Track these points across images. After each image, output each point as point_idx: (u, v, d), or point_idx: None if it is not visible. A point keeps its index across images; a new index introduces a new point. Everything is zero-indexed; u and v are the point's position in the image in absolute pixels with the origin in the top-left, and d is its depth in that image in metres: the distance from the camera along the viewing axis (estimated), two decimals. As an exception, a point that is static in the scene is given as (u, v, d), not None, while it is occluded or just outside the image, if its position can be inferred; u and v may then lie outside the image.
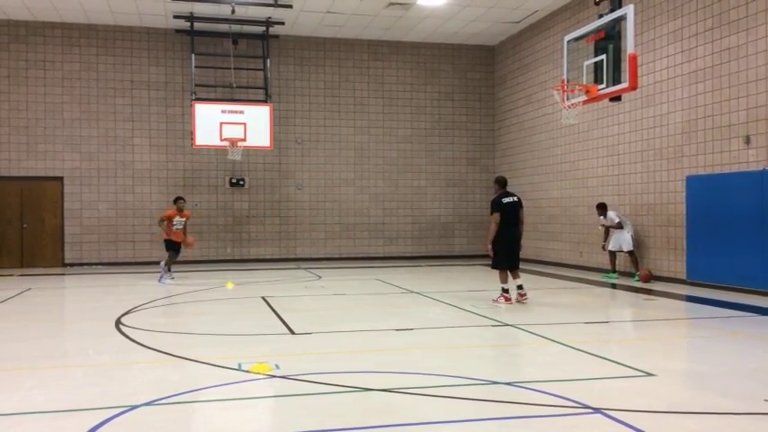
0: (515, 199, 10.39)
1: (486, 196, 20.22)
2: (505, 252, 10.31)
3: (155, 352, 7.04)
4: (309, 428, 4.56)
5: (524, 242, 18.38)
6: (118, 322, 8.85)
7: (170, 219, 14.24)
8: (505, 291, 10.34)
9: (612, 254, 14.01)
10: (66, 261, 17.69)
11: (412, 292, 12.12)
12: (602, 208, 13.94)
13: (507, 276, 10.39)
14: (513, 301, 10.32)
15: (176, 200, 14.58)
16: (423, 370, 6.16)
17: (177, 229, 14.30)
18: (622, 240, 13.65)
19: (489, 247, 10.41)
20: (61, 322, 10.06)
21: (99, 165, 17.90)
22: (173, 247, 14.31)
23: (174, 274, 14.49)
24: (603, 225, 13.98)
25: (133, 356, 6.94)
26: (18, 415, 4.92)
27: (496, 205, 10.29)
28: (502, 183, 10.57)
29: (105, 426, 4.61)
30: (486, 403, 5.13)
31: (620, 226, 13.60)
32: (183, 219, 14.38)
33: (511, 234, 10.30)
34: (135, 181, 18.09)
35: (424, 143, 19.89)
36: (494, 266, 10.58)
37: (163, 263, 14.26)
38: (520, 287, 10.41)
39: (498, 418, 4.79)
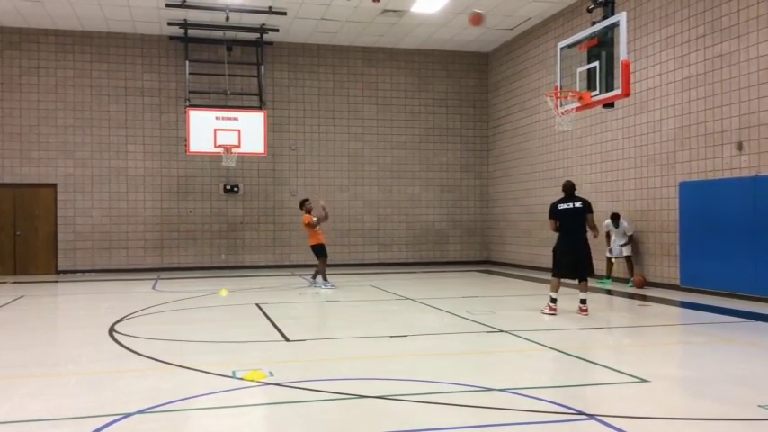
0: (577, 205, 9.82)
1: (480, 202, 20.29)
2: (563, 260, 9.95)
3: (148, 359, 7.01)
4: (304, 436, 4.55)
5: (518, 248, 18.64)
6: (111, 330, 8.82)
7: (311, 222, 13.65)
8: (552, 300, 9.97)
9: (609, 260, 14.02)
10: (60, 268, 17.63)
11: (406, 298, 12.12)
12: (615, 218, 13.78)
13: (558, 285, 10.01)
14: (557, 310, 9.91)
15: (304, 202, 14.03)
16: (417, 376, 6.15)
17: (318, 229, 13.83)
18: (624, 246, 13.69)
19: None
20: (54, 330, 10.01)
21: (92, 171, 17.86)
22: (323, 251, 13.82)
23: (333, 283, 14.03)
24: (607, 232, 13.87)
25: (127, 364, 6.91)
26: (11, 423, 4.89)
27: (552, 212, 10.02)
28: (565, 188, 10.04)
29: (99, 434, 4.59)
30: (481, 410, 5.13)
31: (630, 240, 13.60)
32: (315, 218, 13.77)
33: (569, 242, 9.87)
34: (129, 188, 18.05)
35: (418, 149, 19.92)
36: (553, 272, 10.21)
37: (319, 277, 13.81)
38: (583, 301, 9.94)
39: (493, 424, 4.78)
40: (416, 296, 12.27)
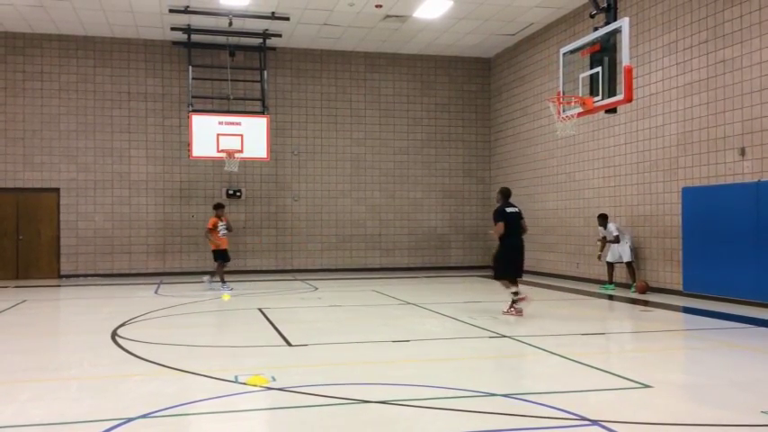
0: (516, 209, 10.53)
1: (482, 207, 20.27)
2: (513, 262, 10.36)
3: (151, 364, 7.01)
4: (306, 441, 4.55)
5: (521, 253, 18.60)
6: (114, 334, 8.82)
7: (214, 226, 14.50)
8: (514, 302, 10.26)
9: (611, 265, 14.02)
10: (62, 272, 17.64)
11: (409, 303, 12.11)
12: (603, 218, 13.96)
13: (509, 283, 10.37)
14: (524, 312, 10.21)
15: (217, 206, 14.81)
16: (420, 382, 6.15)
17: (223, 234, 14.58)
18: (622, 251, 13.68)
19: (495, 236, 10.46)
20: (57, 334, 10.02)
21: (95, 176, 17.89)
22: (222, 256, 14.58)
23: (231, 284, 14.70)
24: (603, 237, 13.98)
25: (129, 369, 6.91)
26: (13, 428, 4.90)
27: (500, 215, 10.38)
28: (505, 194, 10.66)
29: (101, 438, 4.59)
30: (484, 415, 5.11)
31: (617, 240, 13.62)
32: (225, 223, 14.62)
33: (516, 244, 10.40)
34: (131, 192, 18.08)
35: (420, 155, 19.93)
36: (497, 277, 10.60)
37: (208, 277, 14.64)
38: (516, 293, 10.35)
39: (496, 430, 4.78)
40: (419, 301, 12.26)
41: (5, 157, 17.39)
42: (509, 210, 10.44)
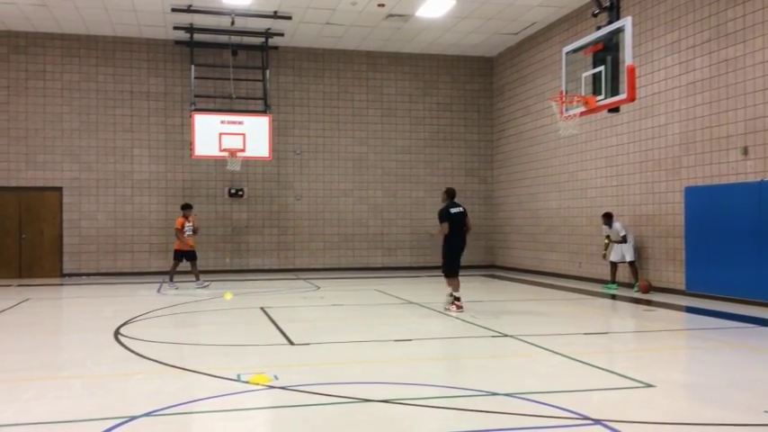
0: (461, 209, 10.87)
1: (485, 207, 20.28)
2: (457, 259, 10.88)
3: (153, 362, 7.02)
4: (309, 440, 4.55)
5: (523, 252, 18.64)
6: (117, 333, 8.84)
7: (181, 227, 14.74)
8: (457, 298, 10.69)
9: (614, 264, 13.99)
10: (65, 271, 17.67)
11: (411, 302, 12.11)
12: (608, 217, 13.91)
13: (459, 283, 10.81)
14: (465, 308, 10.62)
15: (184, 206, 15.06)
16: (422, 381, 6.15)
17: (188, 235, 14.82)
18: (626, 251, 13.66)
19: (439, 236, 10.93)
20: (59, 333, 10.03)
21: (98, 175, 17.91)
22: (185, 256, 14.84)
23: (178, 285, 14.72)
24: (608, 236, 13.94)
25: (132, 367, 6.92)
26: (16, 426, 4.90)
27: (445, 215, 10.75)
28: (451, 194, 11.07)
29: (104, 437, 4.59)
30: (486, 414, 5.11)
31: (624, 240, 13.59)
32: (191, 224, 14.87)
33: (460, 242, 10.87)
34: (134, 191, 18.10)
35: (422, 154, 19.93)
36: (446, 273, 10.94)
37: (197, 282, 14.73)
38: (459, 298, 10.78)
39: (498, 429, 4.77)
40: (421, 300, 12.26)
41: (8, 156, 17.42)
42: (453, 210, 10.80)
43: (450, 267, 10.86)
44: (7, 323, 10.17)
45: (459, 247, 10.87)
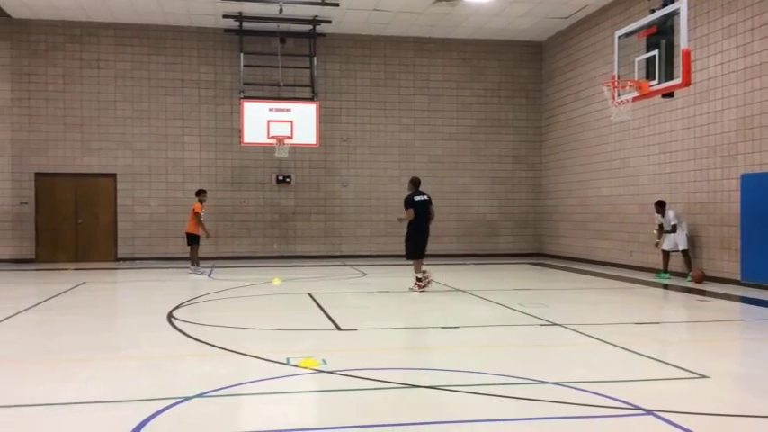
0: (425, 197, 11.76)
1: (533, 194, 20.06)
2: (423, 244, 11.71)
3: (205, 345, 7.17)
4: (357, 423, 4.59)
5: (572, 241, 18.39)
6: (170, 316, 9.04)
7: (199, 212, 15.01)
8: (419, 279, 11.56)
9: (666, 253, 13.69)
10: (119, 256, 18.14)
11: (458, 290, 12.09)
12: (661, 205, 13.62)
13: (421, 265, 11.60)
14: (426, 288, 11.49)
15: (199, 192, 15.27)
16: (469, 368, 6.13)
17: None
18: (678, 239, 13.36)
19: (404, 223, 11.93)
20: (114, 315, 10.32)
21: (150, 162, 18.29)
22: (197, 240, 15.07)
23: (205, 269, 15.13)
24: (661, 225, 13.65)
25: (184, 349, 7.08)
26: (74, 404, 5.07)
27: (410, 202, 11.58)
28: (416, 183, 11.92)
29: (158, 416, 4.71)
30: (534, 402, 5.08)
31: (674, 229, 13.29)
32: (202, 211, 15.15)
33: (424, 228, 11.75)
34: (185, 178, 18.43)
35: (469, 140, 19.78)
36: (409, 257, 11.77)
37: (192, 267, 14.95)
38: (424, 271, 11.72)
39: (547, 417, 4.74)
40: (468, 288, 12.23)
41: (64, 143, 17.91)
42: (417, 198, 11.66)
43: (414, 252, 11.67)
44: (65, 305, 10.50)
45: (422, 233, 11.69)
